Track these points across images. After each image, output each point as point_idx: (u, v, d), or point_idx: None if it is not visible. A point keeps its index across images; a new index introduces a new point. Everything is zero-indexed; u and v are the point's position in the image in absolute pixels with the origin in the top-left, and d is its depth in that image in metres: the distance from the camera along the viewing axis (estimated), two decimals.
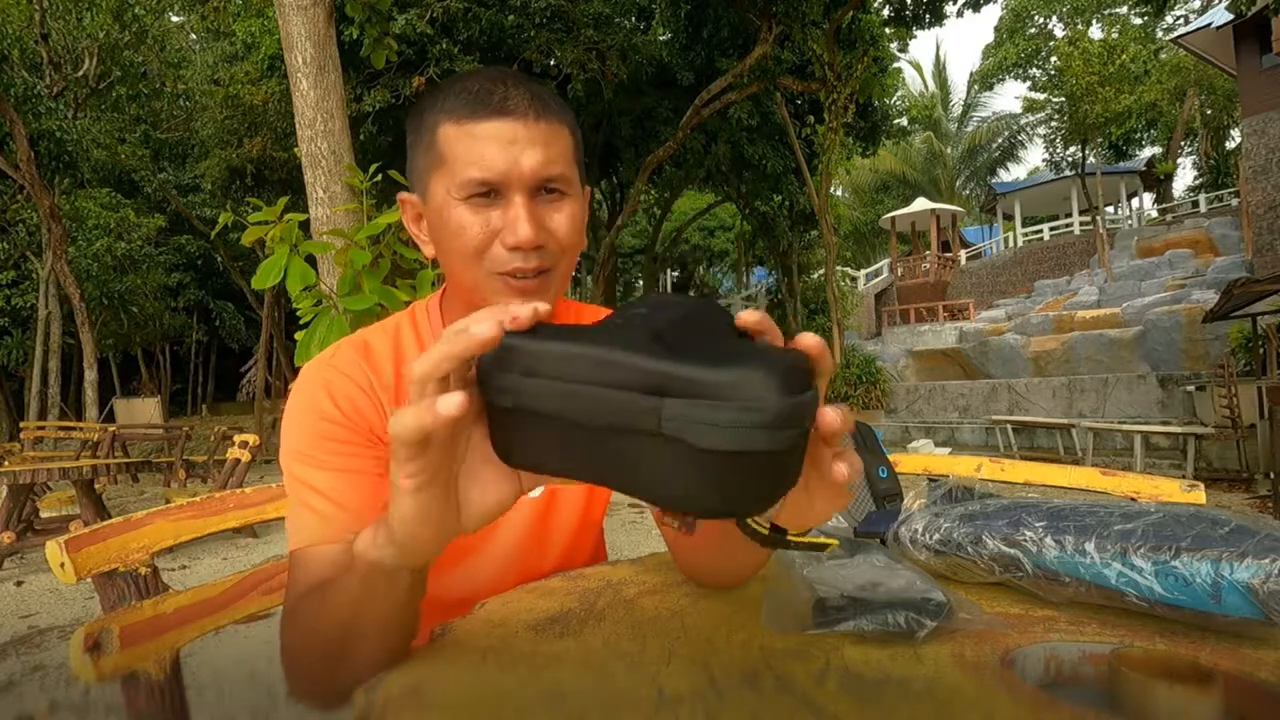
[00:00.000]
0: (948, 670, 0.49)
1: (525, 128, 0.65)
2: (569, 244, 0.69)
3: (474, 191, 0.65)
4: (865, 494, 1.13)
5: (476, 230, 0.65)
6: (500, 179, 0.65)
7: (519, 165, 0.64)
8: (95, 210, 13.43)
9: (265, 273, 2.04)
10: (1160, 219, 19.41)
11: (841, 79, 10.10)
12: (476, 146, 0.64)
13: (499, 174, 0.64)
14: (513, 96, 0.66)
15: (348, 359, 0.73)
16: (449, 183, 0.66)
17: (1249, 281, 6.76)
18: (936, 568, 0.70)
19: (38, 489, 4.79)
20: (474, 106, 0.65)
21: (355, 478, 0.66)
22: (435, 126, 0.67)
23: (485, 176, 0.64)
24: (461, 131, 0.65)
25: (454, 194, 0.66)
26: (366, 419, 0.70)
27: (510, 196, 0.65)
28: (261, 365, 15.25)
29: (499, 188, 0.65)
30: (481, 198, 0.65)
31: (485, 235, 0.66)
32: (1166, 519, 0.61)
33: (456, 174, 0.65)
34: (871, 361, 11.54)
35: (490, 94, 0.65)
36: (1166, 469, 7.27)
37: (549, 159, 0.66)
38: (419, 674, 0.49)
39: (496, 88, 0.66)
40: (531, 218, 0.65)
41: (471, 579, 0.78)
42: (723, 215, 20.38)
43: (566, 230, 0.68)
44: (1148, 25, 18.57)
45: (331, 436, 0.67)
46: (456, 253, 0.67)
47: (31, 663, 2.63)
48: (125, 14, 11.86)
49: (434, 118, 0.68)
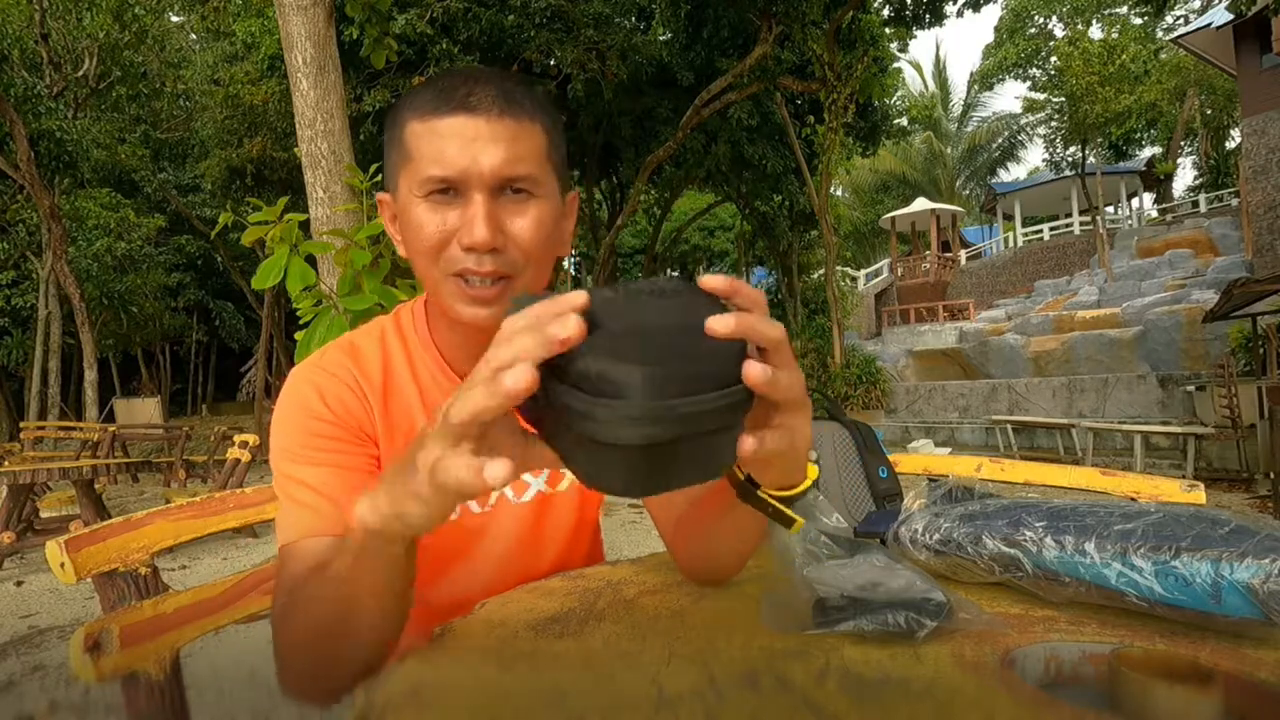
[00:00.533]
0: (948, 670, 0.49)
1: (488, 124, 0.63)
2: (531, 249, 0.66)
3: (433, 189, 0.64)
4: (865, 494, 1.13)
5: (433, 229, 0.64)
6: (459, 176, 0.63)
7: (478, 163, 0.62)
8: (95, 210, 13.43)
9: (265, 273, 2.04)
10: (1160, 219, 19.41)
11: (841, 79, 10.09)
12: (437, 143, 0.63)
13: (458, 171, 0.63)
14: (477, 93, 0.64)
15: (336, 360, 0.73)
16: (411, 180, 0.65)
17: (1249, 281, 6.76)
18: (936, 568, 0.70)
19: (38, 489, 4.79)
20: (438, 103, 0.64)
21: (346, 474, 0.66)
22: (404, 123, 0.66)
23: (443, 174, 0.63)
24: (425, 128, 0.64)
25: (415, 192, 0.65)
26: (356, 418, 0.70)
27: (470, 195, 0.63)
28: (261, 365, 15.24)
29: (458, 186, 0.63)
30: (440, 195, 0.64)
31: (442, 235, 0.64)
32: (1166, 519, 0.61)
33: (418, 171, 0.64)
34: (871, 361, 11.54)
35: (455, 90, 0.64)
36: (1166, 469, 7.27)
37: (513, 157, 0.63)
38: (419, 674, 0.49)
39: (462, 84, 0.64)
40: (489, 219, 0.63)
41: (468, 581, 0.78)
42: (723, 215, 20.38)
43: (530, 235, 0.65)
44: (1148, 25, 18.56)
45: (322, 434, 0.67)
46: (416, 251, 0.67)
47: (31, 663, 2.63)
48: (125, 14, 11.86)
49: (404, 115, 0.66)
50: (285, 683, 0.59)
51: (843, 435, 1.17)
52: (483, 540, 0.78)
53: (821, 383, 11.04)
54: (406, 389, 0.75)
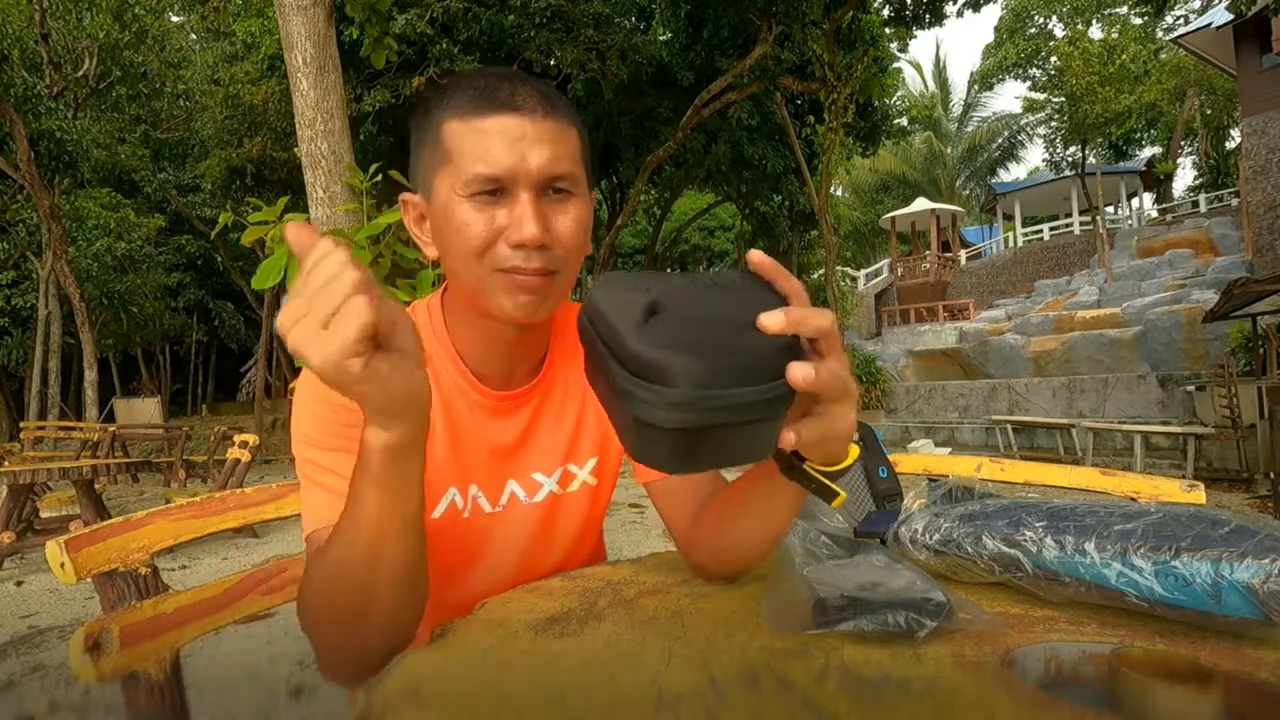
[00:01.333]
0: (948, 670, 0.49)
1: (533, 124, 0.64)
2: (574, 247, 0.68)
3: (480, 189, 0.64)
4: (865, 494, 1.13)
5: (480, 228, 0.64)
6: (507, 175, 0.64)
7: (526, 162, 0.63)
8: (95, 210, 13.43)
9: (265, 273, 2.04)
10: (1160, 219, 19.40)
11: (841, 79, 10.09)
12: (483, 142, 0.64)
13: (506, 170, 0.63)
14: (520, 93, 0.65)
15: None
16: (454, 180, 0.65)
17: (1249, 281, 6.76)
18: (936, 568, 0.70)
19: (38, 489, 4.79)
20: (481, 103, 0.64)
21: None
22: (441, 124, 0.66)
23: (492, 172, 0.63)
24: (468, 128, 0.64)
25: (459, 191, 0.65)
26: None
27: (516, 194, 0.64)
28: (261, 365, 15.25)
29: (505, 184, 0.64)
30: (487, 195, 0.64)
31: (489, 233, 0.64)
32: (1166, 519, 0.61)
33: (462, 170, 0.64)
34: (871, 361, 11.54)
35: (498, 90, 0.65)
36: (1166, 469, 7.27)
37: (556, 156, 0.65)
38: (419, 674, 0.49)
39: (504, 84, 0.65)
40: (537, 216, 0.64)
41: (480, 579, 0.79)
42: (723, 215, 20.38)
43: (572, 233, 0.67)
44: (1148, 25, 18.55)
45: (344, 421, 0.68)
46: (459, 252, 0.66)
47: (31, 663, 2.63)
48: (125, 14, 11.86)
49: (440, 115, 0.67)
50: (321, 666, 0.61)
51: None
52: (494, 539, 0.79)
53: None
54: None
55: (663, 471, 0.45)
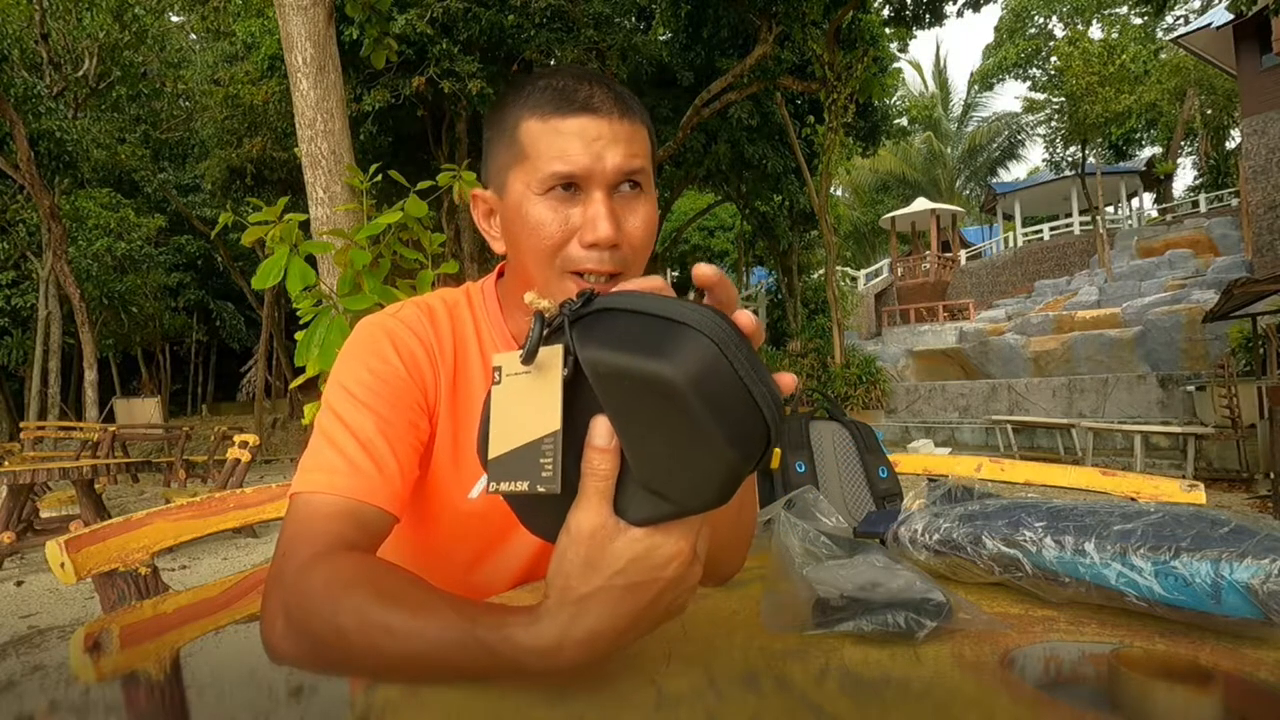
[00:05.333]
0: (948, 670, 0.49)
1: (610, 125, 0.66)
2: (641, 245, 0.69)
3: (555, 185, 0.65)
4: (865, 494, 1.13)
5: (555, 227, 0.65)
6: (584, 174, 0.65)
7: (602, 161, 0.65)
8: (95, 210, 13.44)
9: (265, 273, 2.04)
10: (1160, 219, 19.41)
11: (841, 79, 10.09)
12: (560, 141, 0.65)
13: (583, 169, 0.65)
14: (598, 94, 0.66)
15: (414, 317, 0.74)
16: (529, 178, 0.66)
17: (1249, 281, 6.76)
18: (936, 568, 0.70)
19: (38, 489, 4.79)
20: (559, 103, 0.66)
21: (393, 434, 0.66)
22: (518, 122, 0.68)
23: (569, 170, 0.64)
24: (546, 127, 0.66)
25: (534, 189, 0.66)
26: (423, 378, 0.71)
27: (591, 193, 0.65)
28: (261, 365, 15.26)
29: (581, 183, 0.65)
30: (562, 191, 0.65)
31: (563, 232, 0.65)
32: (1166, 519, 0.61)
33: (539, 168, 0.65)
34: (871, 361, 11.54)
35: (576, 91, 0.66)
36: (1166, 469, 7.27)
37: (631, 154, 0.66)
38: None
39: (582, 85, 0.67)
40: (611, 216, 0.65)
41: (505, 565, 0.79)
42: (723, 215, 20.36)
43: (642, 231, 0.68)
44: (1148, 25, 18.55)
45: (385, 379, 0.67)
46: (531, 249, 0.67)
47: (31, 663, 2.63)
48: (125, 14, 11.87)
49: (516, 113, 0.68)
50: (288, 660, 0.54)
51: (843, 435, 1.17)
52: (520, 526, 0.79)
53: (821, 383, 11.04)
54: (474, 366, 0.76)
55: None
